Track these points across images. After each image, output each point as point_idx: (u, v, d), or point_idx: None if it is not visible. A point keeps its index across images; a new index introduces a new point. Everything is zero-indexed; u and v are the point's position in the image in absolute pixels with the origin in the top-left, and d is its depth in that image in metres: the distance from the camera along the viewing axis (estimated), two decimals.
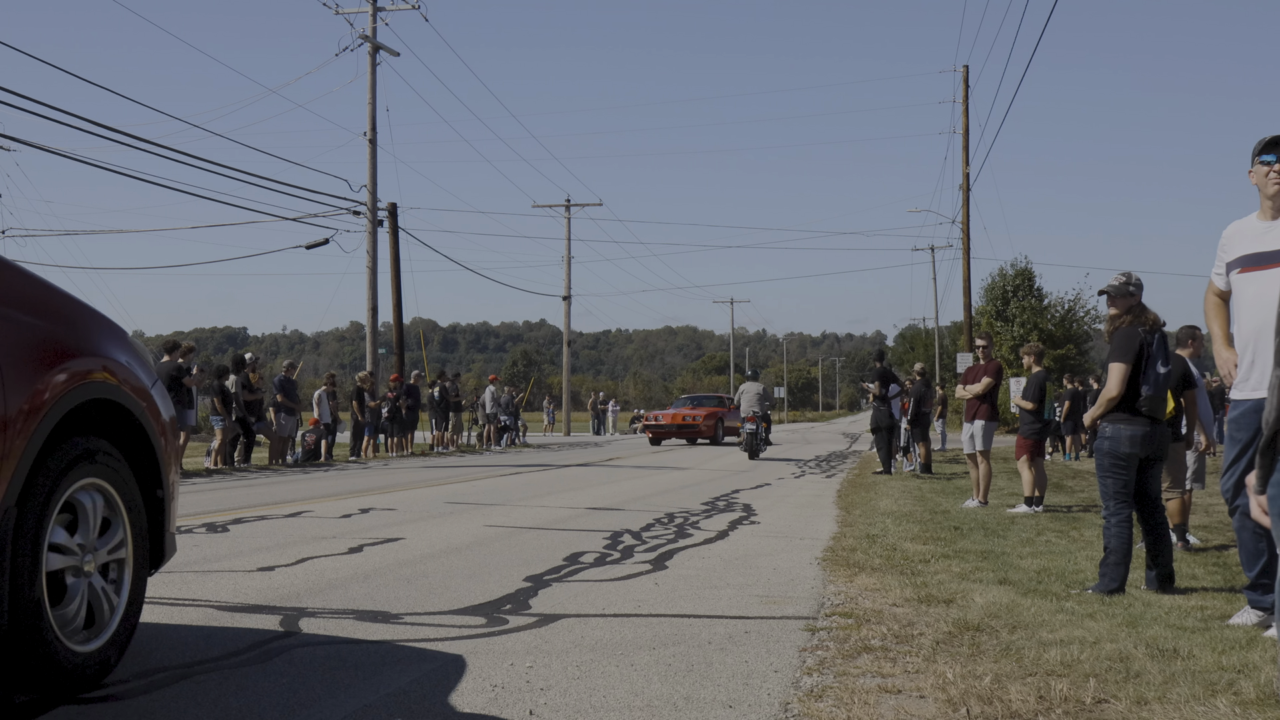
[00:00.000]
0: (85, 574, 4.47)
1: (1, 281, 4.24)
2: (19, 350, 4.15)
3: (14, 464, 4.03)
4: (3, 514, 3.95)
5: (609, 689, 4.62)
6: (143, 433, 4.88)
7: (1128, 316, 7.49)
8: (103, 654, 4.50)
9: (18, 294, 4.31)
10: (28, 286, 4.39)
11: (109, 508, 4.66)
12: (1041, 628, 5.87)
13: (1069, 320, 61.36)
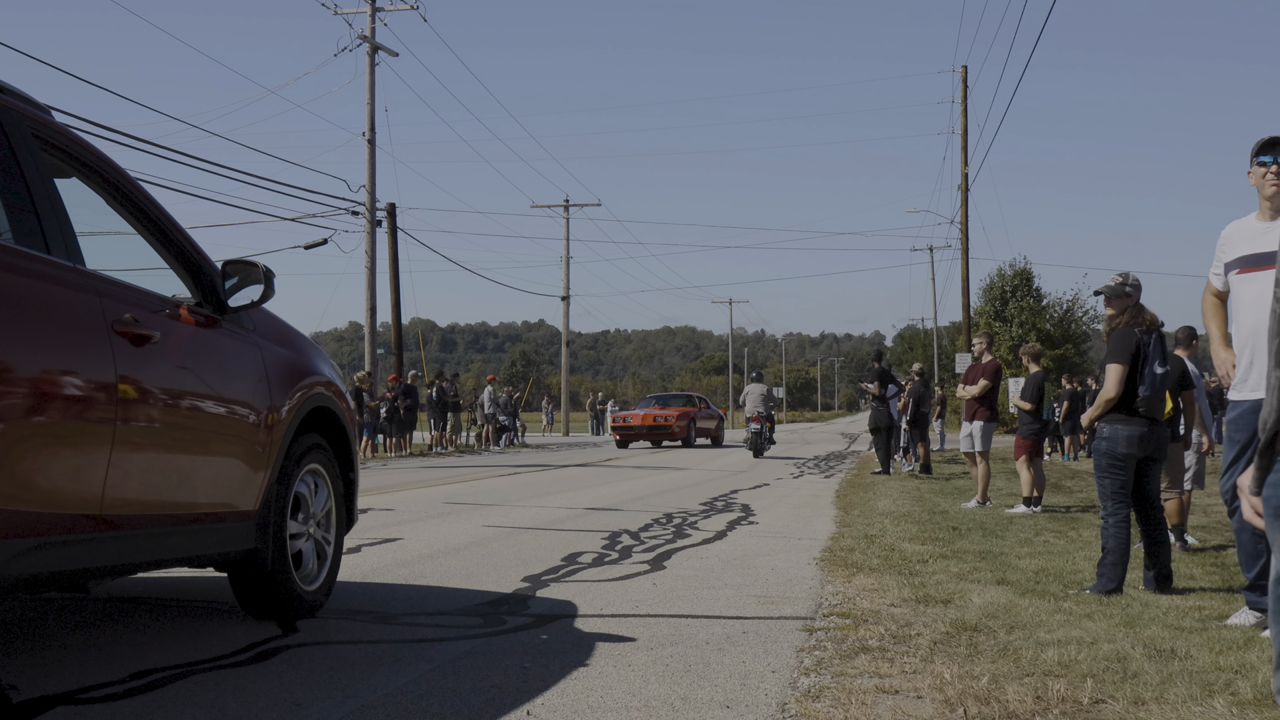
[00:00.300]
0: (310, 535, 6.15)
1: (265, 323, 5.91)
2: (278, 372, 5.83)
3: (275, 452, 5.72)
4: (269, 487, 5.65)
5: (606, 689, 4.62)
6: (342, 430, 6.47)
7: (1124, 317, 7.50)
8: (318, 594, 6.17)
9: (275, 332, 6.01)
10: (277, 325, 6.09)
11: (323, 486, 6.29)
12: (1039, 628, 5.88)
13: (1067, 320, 61.38)
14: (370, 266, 33.55)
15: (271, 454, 5.69)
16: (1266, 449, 2.26)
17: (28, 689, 4.44)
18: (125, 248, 5.44)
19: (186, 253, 5.49)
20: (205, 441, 5.27)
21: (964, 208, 43.25)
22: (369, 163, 33.45)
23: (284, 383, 5.85)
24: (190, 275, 5.51)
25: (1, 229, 4.42)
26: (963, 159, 43.08)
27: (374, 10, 33.38)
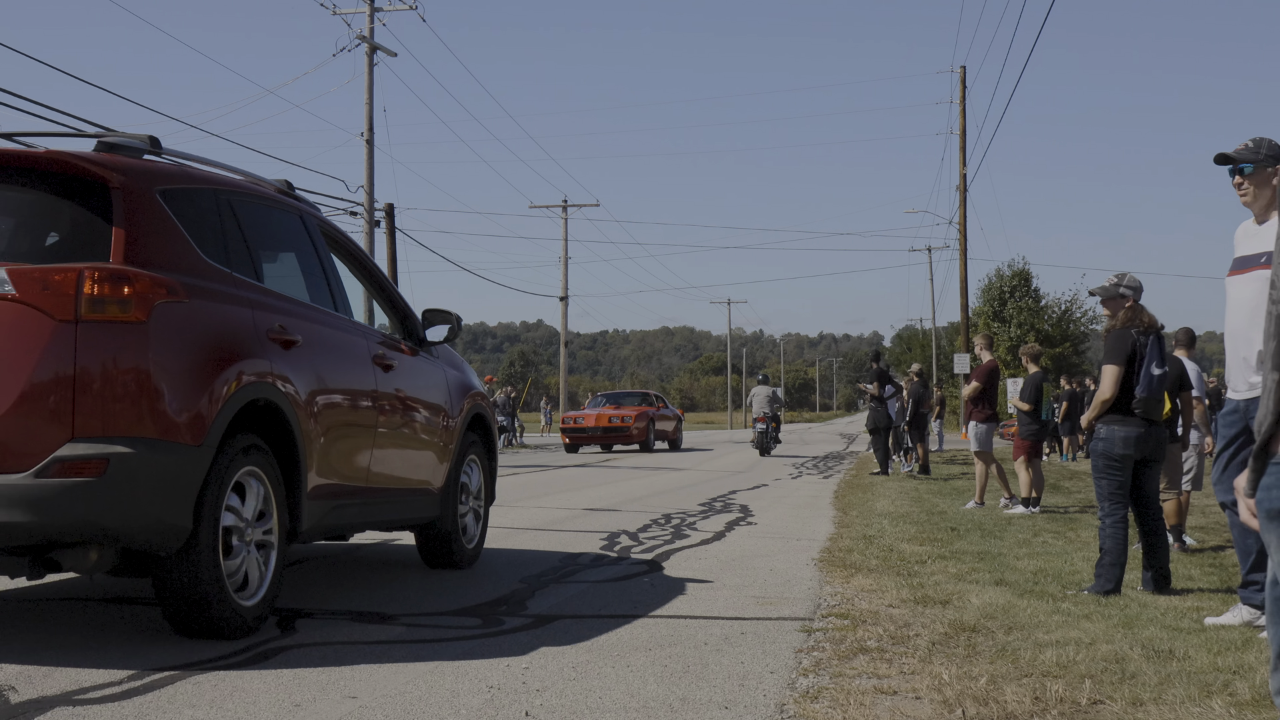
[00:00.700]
0: (471, 508, 8.29)
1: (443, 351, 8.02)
2: (454, 388, 7.96)
3: (454, 445, 7.84)
4: (449, 472, 7.77)
5: (605, 690, 4.63)
6: (490, 429, 8.58)
7: (1121, 318, 7.51)
8: (475, 551, 8.32)
9: (449, 357, 8.12)
10: (450, 352, 8.17)
11: (477, 471, 8.39)
12: (1037, 629, 5.88)
13: (1066, 321, 61.40)
14: None
15: (451, 447, 7.83)
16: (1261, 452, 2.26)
17: (26, 690, 4.44)
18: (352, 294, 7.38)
19: (398, 304, 7.76)
20: (419, 437, 7.38)
21: (962, 208, 43.27)
22: (367, 163, 33.46)
23: (458, 395, 8.02)
24: (399, 319, 7.75)
25: (312, 294, 6.52)
26: (961, 159, 43.10)
27: (373, 10, 33.37)
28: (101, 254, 5.07)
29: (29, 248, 5.21)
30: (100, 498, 4.79)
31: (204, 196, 5.81)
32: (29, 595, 6.57)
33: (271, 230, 6.45)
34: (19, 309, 4.81)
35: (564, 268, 56.21)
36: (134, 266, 5.06)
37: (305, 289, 6.49)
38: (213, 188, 5.96)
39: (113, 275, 4.94)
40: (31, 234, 5.32)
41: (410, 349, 7.46)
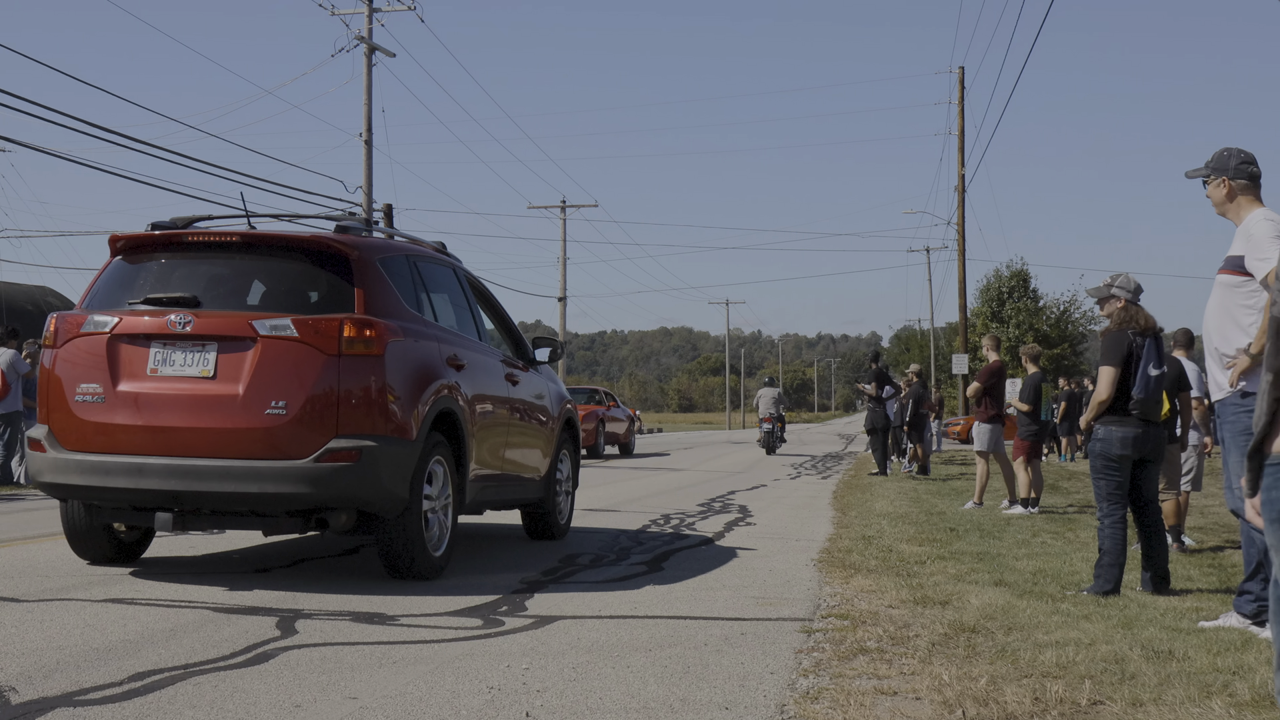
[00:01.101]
0: (565, 492, 10.31)
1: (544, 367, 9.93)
2: (554, 397, 9.96)
3: (555, 442, 9.84)
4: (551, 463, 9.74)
5: (605, 691, 4.63)
6: (577, 429, 10.66)
7: (1116, 318, 7.53)
8: (566, 527, 10.35)
9: (548, 371, 10.01)
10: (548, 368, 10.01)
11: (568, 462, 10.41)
12: (1037, 629, 5.88)
13: (1064, 321, 61.43)
14: None
15: (553, 443, 9.89)
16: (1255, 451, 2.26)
17: (26, 690, 4.44)
18: None
19: (514, 331, 9.80)
20: (533, 435, 9.45)
21: (961, 209, 43.30)
22: (366, 163, 33.45)
23: (556, 404, 10.03)
24: (514, 343, 9.75)
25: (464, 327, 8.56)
26: (959, 160, 43.13)
27: (371, 11, 33.36)
28: (348, 307, 7.09)
29: (300, 302, 7.23)
30: (355, 476, 6.81)
31: (401, 261, 7.87)
32: (28, 597, 6.57)
33: (438, 281, 8.48)
34: (300, 346, 6.86)
35: (562, 268, 56.21)
36: (370, 315, 7.07)
37: (460, 323, 8.59)
38: (405, 254, 8.01)
39: (359, 322, 6.97)
40: (302, 293, 7.31)
41: (524, 366, 9.49)
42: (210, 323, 6.96)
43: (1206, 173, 6.27)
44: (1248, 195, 6.14)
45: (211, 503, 6.93)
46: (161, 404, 6.91)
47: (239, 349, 6.89)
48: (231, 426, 6.81)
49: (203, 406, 6.88)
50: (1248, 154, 6.21)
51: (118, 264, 7.61)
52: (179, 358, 6.97)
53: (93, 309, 7.32)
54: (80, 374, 7.11)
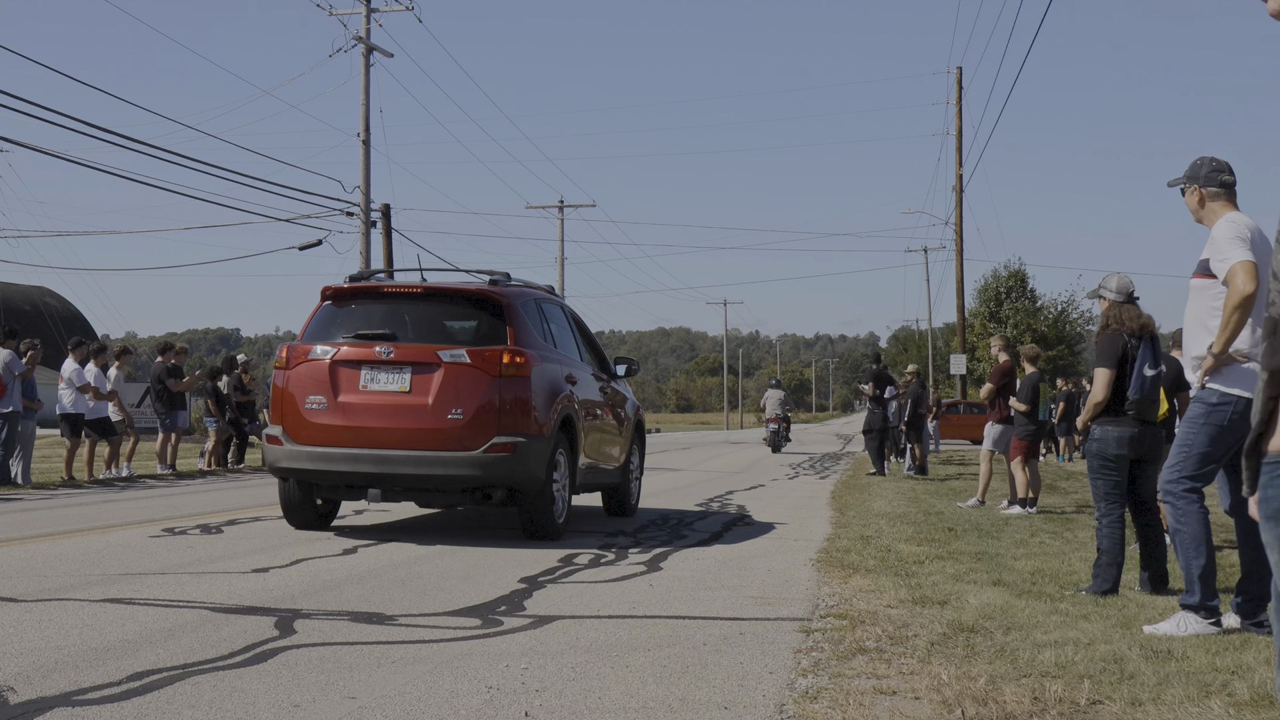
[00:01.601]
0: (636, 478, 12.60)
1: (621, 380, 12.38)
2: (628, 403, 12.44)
3: (629, 438, 12.20)
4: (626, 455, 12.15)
5: (604, 690, 4.62)
6: (643, 429, 12.94)
7: (1109, 318, 7.56)
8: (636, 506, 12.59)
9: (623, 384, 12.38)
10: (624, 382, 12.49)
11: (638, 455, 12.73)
12: (1036, 629, 5.88)
13: (1062, 321, 61.43)
14: (365, 268, 33.52)
15: (628, 439, 12.23)
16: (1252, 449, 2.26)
17: (24, 690, 4.43)
18: None
19: (599, 351, 12.08)
20: (616, 434, 11.75)
21: (959, 209, 43.32)
22: (364, 163, 33.41)
23: (631, 409, 12.49)
24: (599, 361, 11.95)
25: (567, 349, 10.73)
26: (957, 160, 43.15)
27: (369, 11, 33.33)
28: (502, 340, 9.61)
29: (469, 337, 9.87)
30: (511, 463, 9.29)
31: (532, 303, 10.43)
32: (26, 597, 6.57)
33: (553, 315, 10.97)
34: (472, 369, 9.37)
35: (560, 268, 56.18)
36: (519, 347, 9.58)
37: (567, 347, 10.94)
38: (533, 298, 10.60)
39: (513, 352, 9.47)
40: (469, 329, 9.99)
41: (608, 379, 11.98)
42: (406, 352, 9.47)
43: (1183, 181, 6.39)
44: (1219, 202, 6.24)
45: (408, 482, 9.53)
46: (371, 411, 9.42)
47: (428, 371, 9.41)
48: (423, 427, 9.32)
49: (401, 413, 9.37)
50: (1221, 162, 6.31)
51: (327, 307, 10.07)
52: (383, 377, 9.47)
53: (313, 341, 9.78)
54: (308, 389, 9.57)
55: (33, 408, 16.40)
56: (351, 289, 10.14)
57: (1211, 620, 5.92)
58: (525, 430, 9.41)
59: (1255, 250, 5.83)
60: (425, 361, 9.41)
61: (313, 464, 9.51)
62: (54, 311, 58.10)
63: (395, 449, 9.31)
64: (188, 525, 10.65)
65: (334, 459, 9.43)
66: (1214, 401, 6.01)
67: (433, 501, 10.05)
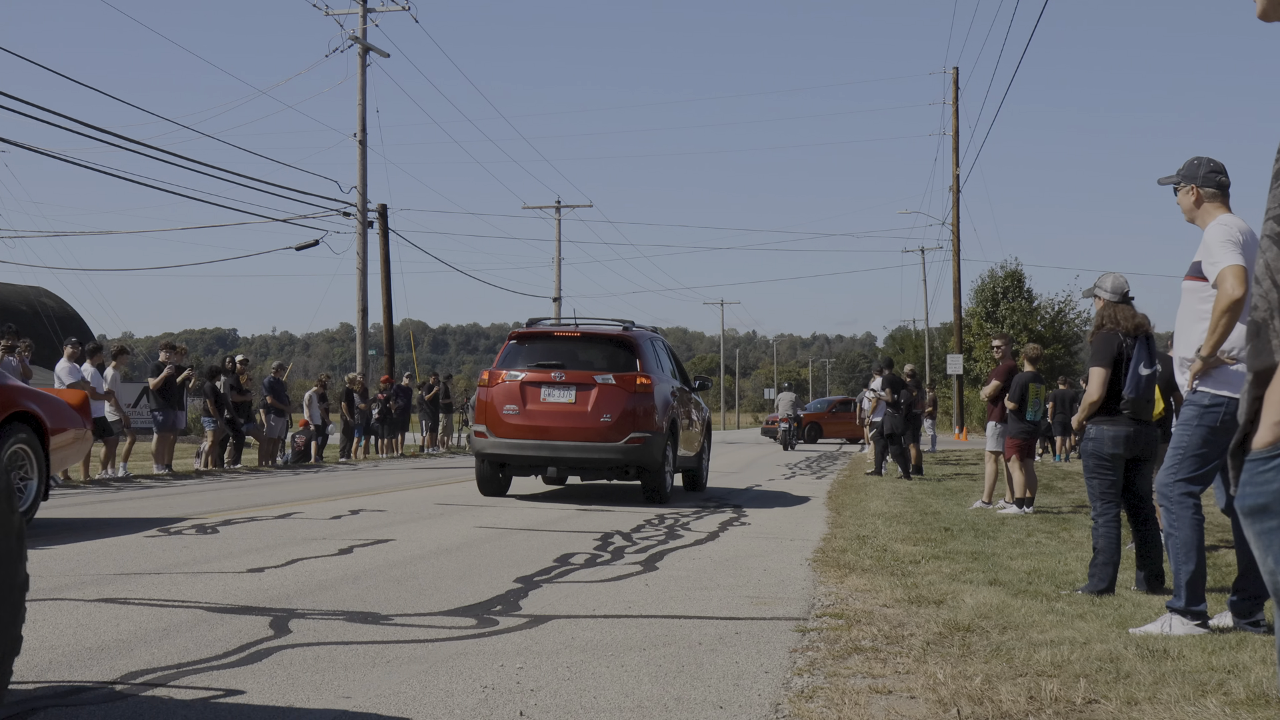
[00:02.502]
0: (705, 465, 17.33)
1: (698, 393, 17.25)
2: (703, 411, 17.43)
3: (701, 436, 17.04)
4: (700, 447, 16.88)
5: (600, 690, 4.62)
6: (710, 427, 18.04)
7: (1103, 317, 7.56)
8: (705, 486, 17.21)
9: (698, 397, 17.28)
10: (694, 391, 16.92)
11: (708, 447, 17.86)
12: (1032, 628, 5.88)
13: (1059, 322, 61.48)
14: (362, 268, 33.53)
15: (702, 435, 16.86)
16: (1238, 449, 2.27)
17: (19, 690, 4.42)
18: None
19: (683, 370, 16.66)
20: (695, 432, 16.33)
21: (955, 209, 43.36)
22: (360, 164, 33.42)
23: (705, 413, 17.16)
24: (683, 378, 16.41)
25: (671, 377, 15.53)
26: (954, 160, 43.20)
27: (365, 11, 33.35)
28: (634, 368, 13.87)
29: (612, 365, 13.92)
30: (642, 451, 13.56)
31: (648, 340, 14.73)
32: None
33: (659, 348, 15.42)
34: (616, 388, 13.68)
35: (557, 269, 56.20)
36: (645, 373, 13.81)
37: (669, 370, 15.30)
38: (649, 337, 15.08)
39: (641, 376, 13.78)
40: (612, 359, 14.01)
41: (690, 392, 16.35)
42: (572, 376, 13.96)
43: (1177, 180, 6.38)
44: (1214, 203, 6.25)
45: (574, 464, 14.03)
46: (548, 415, 13.84)
47: (586, 389, 13.84)
48: (583, 426, 13.70)
49: (569, 417, 13.80)
50: (1217, 163, 6.32)
51: (513, 344, 14.57)
52: (557, 393, 13.90)
53: (504, 368, 14.24)
54: (504, 400, 14.00)
55: None
56: (530, 332, 14.67)
57: (1198, 623, 5.93)
58: (650, 429, 13.81)
59: (1246, 253, 5.83)
60: (584, 383, 13.88)
61: (509, 451, 13.96)
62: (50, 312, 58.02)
63: (565, 441, 13.74)
64: (183, 525, 10.64)
65: (524, 448, 13.87)
66: (1205, 404, 6.02)
67: (589, 476, 14.69)
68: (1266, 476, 2.11)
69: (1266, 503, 2.12)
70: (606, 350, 14.36)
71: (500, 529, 10.83)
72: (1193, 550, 6.04)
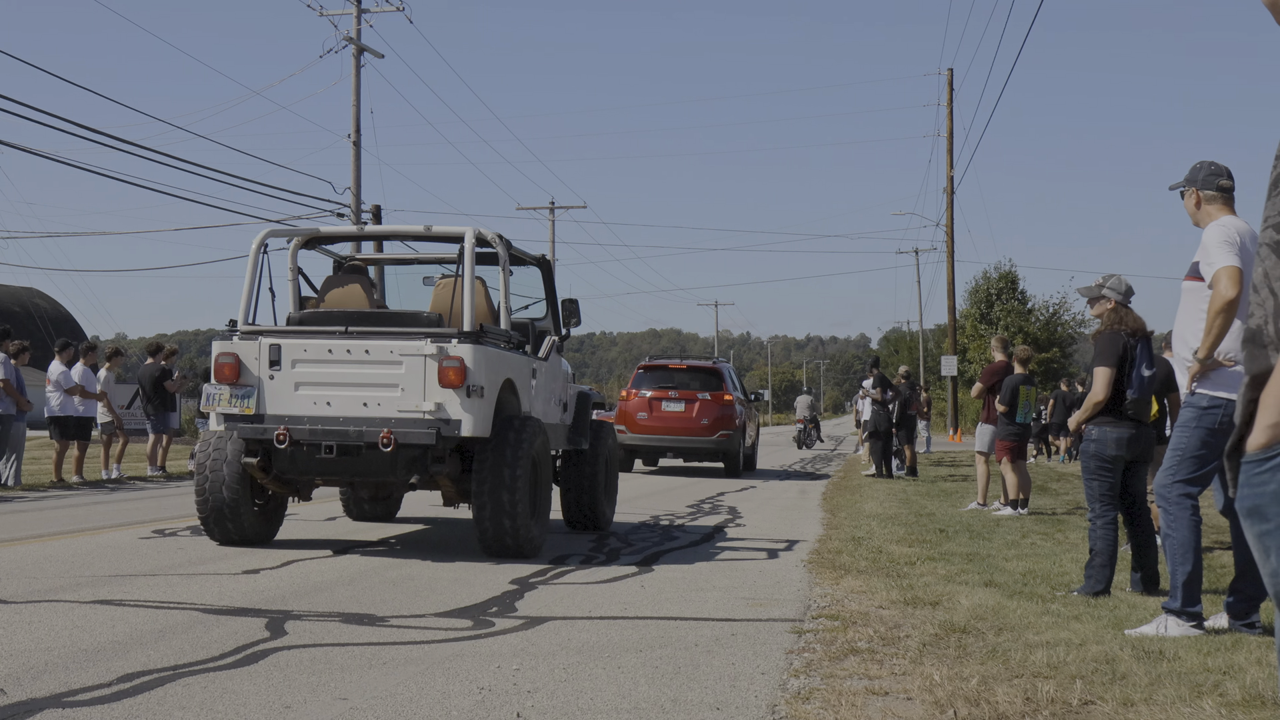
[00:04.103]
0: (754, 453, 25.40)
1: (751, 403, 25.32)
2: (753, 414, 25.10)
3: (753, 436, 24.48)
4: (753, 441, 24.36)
5: (596, 691, 4.62)
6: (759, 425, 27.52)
7: (1106, 320, 7.55)
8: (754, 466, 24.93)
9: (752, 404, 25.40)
10: None
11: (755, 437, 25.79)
12: (1027, 629, 5.89)
13: (1053, 324, 61.49)
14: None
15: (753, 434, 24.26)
16: (1234, 450, 2.27)
17: (14, 691, 4.42)
18: None
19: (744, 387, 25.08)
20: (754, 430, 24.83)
21: (950, 210, 43.38)
22: (354, 164, 33.38)
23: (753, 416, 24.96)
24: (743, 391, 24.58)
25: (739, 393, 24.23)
26: (948, 162, 43.21)
27: (360, 12, 33.29)
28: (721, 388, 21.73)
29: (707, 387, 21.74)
30: (727, 443, 21.27)
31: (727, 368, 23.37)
32: (15, 598, 6.54)
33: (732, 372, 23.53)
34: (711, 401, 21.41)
35: None
36: (727, 393, 21.70)
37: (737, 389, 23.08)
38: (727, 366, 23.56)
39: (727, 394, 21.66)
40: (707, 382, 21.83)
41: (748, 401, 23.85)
42: (682, 394, 21.33)
43: (1183, 185, 6.41)
44: (1215, 205, 6.26)
45: (683, 451, 21.47)
46: (667, 419, 21.21)
47: (692, 402, 21.20)
48: (690, 427, 21.00)
49: (681, 420, 21.14)
50: (1219, 167, 6.33)
51: (641, 373, 22.13)
52: (672, 405, 21.22)
53: (636, 389, 21.59)
54: (637, 409, 21.25)
55: (23, 409, 16.34)
56: (652, 365, 22.50)
57: (1193, 624, 5.94)
58: (731, 429, 21.16)
59: (1244, 255, 5.85)
60: (690, 398, 21.34)
61: (641, 442, 21.24)
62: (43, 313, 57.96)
63: (678, 436, 21.16)
64: (178, 527, 10.62)
65: (650, 440, 21.21)
66: (1204, 405, 6.04)
67: (691, 460, 23.23)
68: (1262, 478, 2.12)
69: (1262, 504, 2.12)
70: (702, 376, 21.98)
71: None
72: (1189, 551, 6.05)
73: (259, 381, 8.52)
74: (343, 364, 8.42)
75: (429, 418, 8.29)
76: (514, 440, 8.47)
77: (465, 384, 8.24)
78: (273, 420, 8.44)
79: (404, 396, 8.32)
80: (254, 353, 8.53)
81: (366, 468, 8.57)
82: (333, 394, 8.43)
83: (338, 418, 8.38)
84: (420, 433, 8.20)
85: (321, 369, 8.45)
